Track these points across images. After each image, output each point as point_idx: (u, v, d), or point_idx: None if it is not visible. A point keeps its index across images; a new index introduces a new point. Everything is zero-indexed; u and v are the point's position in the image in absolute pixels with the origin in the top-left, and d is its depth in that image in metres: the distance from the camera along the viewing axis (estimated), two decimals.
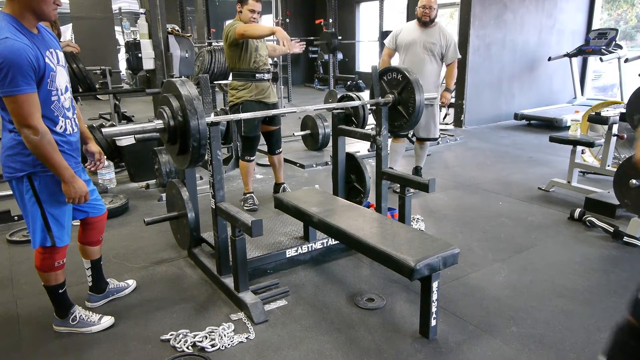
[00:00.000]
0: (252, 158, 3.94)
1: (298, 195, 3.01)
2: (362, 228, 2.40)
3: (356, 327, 2.30)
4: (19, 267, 3.00)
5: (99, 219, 2.39)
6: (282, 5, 9.06)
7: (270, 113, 3.00)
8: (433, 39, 4.10)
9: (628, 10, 9.27)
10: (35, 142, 1.86)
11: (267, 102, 3.83)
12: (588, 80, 8.60)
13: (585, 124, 4.66)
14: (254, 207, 3.96)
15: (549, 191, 4.32)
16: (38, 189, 2.01)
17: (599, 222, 3.38)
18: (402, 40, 4.19)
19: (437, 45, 4.10)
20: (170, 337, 2.22)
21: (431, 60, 4.13)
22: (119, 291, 2.62)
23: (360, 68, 13.58)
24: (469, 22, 7.01)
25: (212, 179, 2.45)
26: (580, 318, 2.36)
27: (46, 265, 2.16)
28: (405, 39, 4.16)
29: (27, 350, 2.19)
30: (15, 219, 3.70)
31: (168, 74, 4.90)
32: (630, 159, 3.27)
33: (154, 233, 3.45)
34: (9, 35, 1.79)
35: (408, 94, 2.91)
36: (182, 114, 2.18)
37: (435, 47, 4.10)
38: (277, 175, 4.21)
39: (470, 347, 2.14)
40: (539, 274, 2.82)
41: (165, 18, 4.84)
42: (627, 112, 3.46)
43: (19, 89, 1.79)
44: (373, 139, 3.04)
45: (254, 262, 2.79)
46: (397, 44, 4.23)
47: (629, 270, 2.84)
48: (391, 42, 4.27)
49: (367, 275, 2.84)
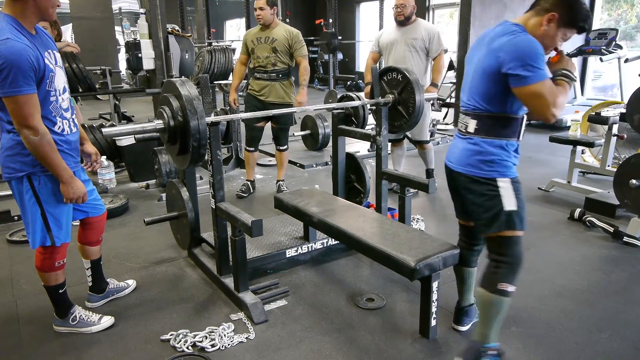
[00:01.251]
0: (251, 149, 4.27)
1: (298, 195, 3.01)
2: (362, 228, 2.40)
3: (356, 327, 2.30)
4: (19, 267, 3.00)
5: (99, 219, 2.39)
6: (282, 5, 9.06)
7: (270, 113, 3.00)
8: (414, 35, 4.00)
9: (628, 10, 9.27)
10: (35, 143, 1.86)
11: (263, 100, 4.05)
12: (588, 80, 8.59)
13: (585, 124, 4.66)
14: (242, 195, 4.30)
15: (549, 191, 4.32)
16: (38, 189, 2.01)
17: (599, 222, 3.38)
18: (383, 41, 4.16)
19: (419, 40, 3.98)
20: (170, 337, 2.22)
21: (414, 56, 4.02)
22: (119, 291, 2.62)
23: (360, 68, 13.57)
24: (469, 22, 7.00)
25: (212, 179, 2.45)
26: (580, 318, 2.36)
27: (46, 265, 2.16)
28: (387, 39, 4.13)
29: (27, 350, 2.19)
30: (15, 219, 3.70)
31: (168, 74, 4.90)
32: (630, 159, 3.27)
33: (154, 233, 3.45)
34: (10, 36, 1.79)
35: (408, 94, 2.91)
36: (182, 114, 2.18)
37: (417, 42, 3.98)
38: (277, 172, 4.45)
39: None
40: (539, 274, 2.82)
41: (165, 18, 4.84)
42: (627, 112, 3.46)
43: (19, 89, 1.80)
44: (373, 139, 3.03)
45: (254, 262, 2.79)
46: (380, 47, 4.19)
47: (629, 270, 2.84)
48: (374, 45, 4.26)
49: (367, 275, 2.84)
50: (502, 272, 1.86)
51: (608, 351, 2.10)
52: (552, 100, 1.69)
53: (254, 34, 4.02)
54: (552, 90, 1.71)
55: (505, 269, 1.87)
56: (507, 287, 1.85)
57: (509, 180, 1.88)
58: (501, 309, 1.88)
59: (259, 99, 4.07)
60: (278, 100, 4.04)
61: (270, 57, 3.92)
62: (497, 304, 1.87)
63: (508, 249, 1.87)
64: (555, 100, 1.70)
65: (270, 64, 3.95)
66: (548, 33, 1.79)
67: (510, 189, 1.87)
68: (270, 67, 3.95)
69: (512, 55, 1.72)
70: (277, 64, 3.94)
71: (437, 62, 4.09)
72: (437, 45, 4.03)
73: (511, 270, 1.87)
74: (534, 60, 1.69)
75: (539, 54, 1.71)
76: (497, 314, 1.88)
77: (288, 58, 4.00)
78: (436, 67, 4.11)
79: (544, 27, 1.78)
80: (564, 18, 1.78)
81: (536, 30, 1.80)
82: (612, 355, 2.08)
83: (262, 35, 3.95)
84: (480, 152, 1.88)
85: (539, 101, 1.71)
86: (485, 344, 1.92)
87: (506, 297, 1.86)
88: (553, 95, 1.70)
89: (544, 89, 1.69)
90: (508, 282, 1.85)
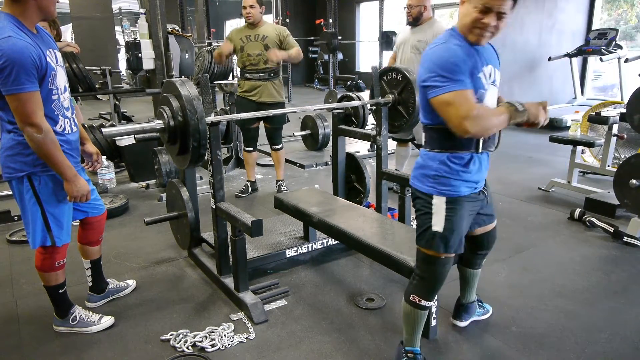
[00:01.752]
0: (249, 149, 4.33)
1: (298, 195, 3.02)
2: (362, 228, 2.40)
3: (356, 327, 2.30)
4: (19, 267, 3.00)
5: (99, 219, 2.39)
6: (282, 5, 9.06)
7: (270, 113, 2.99)
8: (421, 37, 3.91)
9: (628, 10, 9.27)
10: (39, 141, 1.86)
11: (255, 100, 4.06)
12: (588, 80, 8.59)
13: (585, 124, 4.66)
14: (240, 195, 4.33)
15: (549, 191, 4.32)
16: (38, 189, 2.01)
17: (599, 222, 3.38)
18: (397, 42, 4.17)
19: (423, 42, 3.88)
20: (170, 337, 2.22)
21: (418, 59, 3.88)
22: (119, 291, 2.62)
23: (360, 68, 13.58)
24: None
25: (212, 179, 2.45)
26: (580, 318, 2.36)
27: (46, 265, 2.16)
28: (399, 40, 4.14)
29: (27, 350, 2.19)
30: (15, 219, 3.70)
31: (168, 74, 4.90)
32: (630, 159, 3.27)
33: (154, 233, 3.45)
34: (12, 34, 1.79)
35: (408, 94, 2.91)
36: (182, 114, 2.18)
37: (422, 45, 3.89)
38: (276, 172, 4.49)
39: (471, 347, 2.14)
40: (539, 274, 2.82)
41: (165, 18, 4.84)
42: (627, 112, 3.46)
43: (22, 87, 1.80)
44: (373, 139, 3.03)
45: (254, 262, 2.79)
46: (396, 47, 4.20)
47: (629, 270, 2.84)
48: (394, 45, 4.29)
49: (367, 275, 2.84)
50: (415, 285, 1.86)
51: (608, 351, 2.10)
52: (464, 112, 1.57)
53: (241, 32, 4.01)
54: (469, 103, 1.59)
55: (419, 283, 1.86)
56: (420, 300, 1.85)
57: (445, 199, 1.76)
58: (415, 319, 1.89)
59: (251, 99, 4.06)
60: (270, 99, 4.06)
61: (262, 55, 3.95)
62: (409, 313, 1.88)
63: (426, 266, 1.84)
64: (470, 112, 1.56)
65: (262, 62, 3.96)
66: (465, 14, 1.66)
67: (442, 209, 1.76)
68: (262, 65, 3.97)
69: (426, 66, 1.67)
70: (268, 61, 3.95)
71: None
72: None
73: (424, 285, 1.85)
74: (445, 70, 1.61)
75: (454, 64, 1.61)
76: (413, 322, 1.90)
77: None
78: None
79: (461, 12, 1.70)
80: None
81: (461, 19, 1.70)
82: (612, 355, 2.08)
83: (251, 33, 3.97)
84: (423, 166, 1.82)
85: (449, 110, 1.61)
86: (406, 347, 1.95)
87: (417, 309, 1.86)
88: (469, 107, 1.58)
89: (455, 99, 1.59)
90: (420, 296, 1.85)
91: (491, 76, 1.77)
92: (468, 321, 2.29)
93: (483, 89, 1.72)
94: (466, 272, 2.21)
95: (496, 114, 1.64)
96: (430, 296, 1.86)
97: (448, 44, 1.68)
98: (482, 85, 1.71)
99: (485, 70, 1.74)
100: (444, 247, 1.78)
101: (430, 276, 1.84)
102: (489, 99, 1.76)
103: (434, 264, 1.82)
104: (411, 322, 1.90)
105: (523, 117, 1.65)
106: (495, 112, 1.66)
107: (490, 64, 1.77)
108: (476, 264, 2.18)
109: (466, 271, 2.20)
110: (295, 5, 13.46)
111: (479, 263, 2.18)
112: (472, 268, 2.19)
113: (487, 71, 1.75)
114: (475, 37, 1.68)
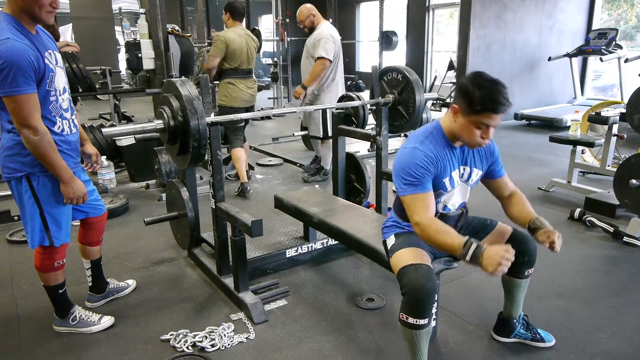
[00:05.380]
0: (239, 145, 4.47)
1: (298, 195, 3.01)
2: (363, 228, 2.40)
3: (356, 327, 2.30)
4: (19, 267, 3.00)
5: (99, 219, 2.39)
6: (282, 5, 9.06)
7: (268, 113, 3.00)
8: (308, 41, 4.53)
9: (628, 10, 9.27)
10: (35, 143, 1.86)
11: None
12: (588, 80, 8.60)
13: (585, 124, 4.66)
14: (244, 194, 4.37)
15: (549, 191, 4.31)
16: (37, 189, 2.01)
17: (599, 222, 3.38)
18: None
19: (308, 47, 4.50)
20: (170, 337, 2.22)
21: (310, 62, 4.48)
22: (119, 291, 2.62)
23: (360, 68, 13.56)
24: (469, 22, 7.00)
25: (212, 179, 2.45)
26: (580, 318, 2.36)
27: (46, 265, 2.16)
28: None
29: (27, 350, 2.19)
30: (15, 219, 3.70)
31: (168, 74, 4.90)
32: (630, 159, 3.27)
33: (154, 233, 3.45)
34: (10, 35, 1.79)
35: (408, 94, 2.91)
36: (182, 114, 2.18)
37: (307, 49, 4.52)
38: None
39: (471, 347, 2.14)
40: (539, 274, 2.81)
41: (165, 18, 4.84)
42: (627, 112, 3.46)
43: (19, 89, 1.80)
44: (373, 139, 3.03)
45: (254, 262, 2.79)
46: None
47: (629, 270, 2.83)
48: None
49: (367, 275, 2.83)
50: (402, 302, 1.75)
51: (608, 351, 2.10)
52: (417, 218, 1.74)
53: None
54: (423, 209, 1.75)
55: (403, 300, 1.74)
56: (407, 318, 1.71)
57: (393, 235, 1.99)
58: (411, 339, 1.76)
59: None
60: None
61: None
62: (403, 333, 1.78)
63: (401, 279, 1.76)
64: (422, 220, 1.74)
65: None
66: (461, 125, 1.77)
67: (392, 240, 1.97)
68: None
69: (394, 166, 1.85)
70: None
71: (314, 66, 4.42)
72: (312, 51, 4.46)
73: (407, 300, 1.72)
74: (406, 174, 1.78)
75: (415, 168, 1.77)
76: (409, 342, 1.78)
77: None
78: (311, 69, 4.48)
79: (455, 121, 1.79)
80: (462, 107, 1.74)
81: (451, 125, 1.82)
82: (612, 355, 2.08)
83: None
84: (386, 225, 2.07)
85: (408, 210, 1.79)
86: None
87: (409, 329, 1.73)
88: (423, 214, 1.75)
89: (411, 202, 1.78)
90: (407, 313, 1.71)
91: (464, 176, 1.92)
92: (508, 339, 2.15)
93: (445, 191, 1.88)
94: (507, 281, 2.08)
95: (445, 238, 1.70)
96: (417, 313, 1.70)
97: (416, 149, 1.81)
98: (445, 188, 1.86)
99: (461, 169, 1.90)
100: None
101: (410, 289, 1.70)
102: (454, 198, 1.93)
103: (405, 273, 1.75)
104: (407, 342, 1.79)
105: (472, 263, 1.62)
106: (448, 236, 1.70)
107: (467, 165, 1.90)
108: (518, 272, 2.01)
109: (507, 280, 2.08)
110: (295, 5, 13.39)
111: (522, 271, 2.02)
112: (513, 276, 2.04)
113: (462, 171, 1.90)
114: (472, 147, 1.85)
